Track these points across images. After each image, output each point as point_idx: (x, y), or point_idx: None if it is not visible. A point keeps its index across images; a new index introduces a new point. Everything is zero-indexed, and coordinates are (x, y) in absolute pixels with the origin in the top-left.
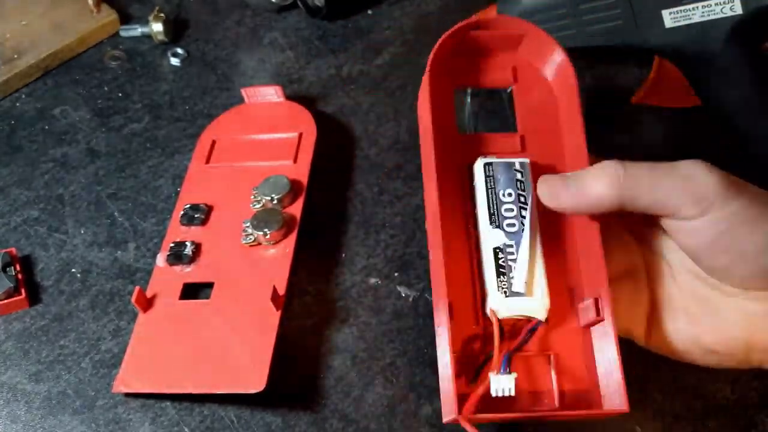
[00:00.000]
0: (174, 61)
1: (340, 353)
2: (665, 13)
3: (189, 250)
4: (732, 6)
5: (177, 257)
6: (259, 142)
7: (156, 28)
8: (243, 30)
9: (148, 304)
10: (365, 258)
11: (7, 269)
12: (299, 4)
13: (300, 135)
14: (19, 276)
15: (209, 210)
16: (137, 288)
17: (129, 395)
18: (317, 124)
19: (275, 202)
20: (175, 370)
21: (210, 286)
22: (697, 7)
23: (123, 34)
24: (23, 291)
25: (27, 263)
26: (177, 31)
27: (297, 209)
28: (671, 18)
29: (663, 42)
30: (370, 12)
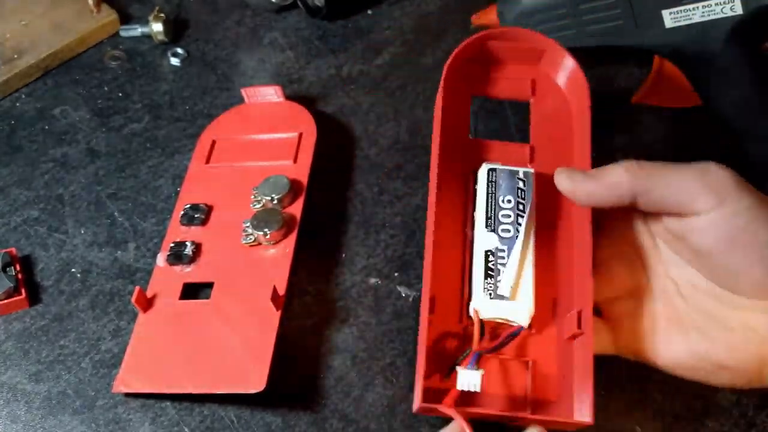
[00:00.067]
0: (174, 61)
1: (340, 353)
2: (665, 13)
3: (189, 250)
4: (732, 6)
5: (177, 257)
6: (259, 142)
7: (156, 28)
8: (243, 30)
9: (148, 304)
10: (365, 258)
11: (7, 269)
12: (299, 4)
13: (300, 135)
14: (19, 276)
15: (209, 210)
16: (137, 288)
17: (129, 395)
18: (317, 124)
19: (275, 202)
20: (175, 370)
21: (210, 286)
22: (697, 7)
23: (123, 34)
24: (23, 291)
25: (27, 263)
26: (177, 31)
27: (297, 209)
28: (671, 18)
29: (663, 42)
30: (370, 12)
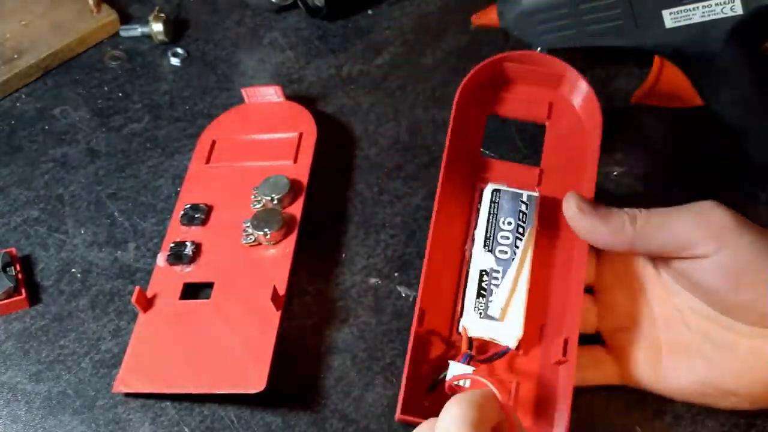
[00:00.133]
0: (174, 61)
1: (340, 353)
2: (665, 13)
3: (189, 250)
4: (732, 6)
5: (177, 257)
6: (259, 142)
7: (156, 28)
8: (243, 30)
9: (148, 304)
10: (365, 258)
11: (7, 269)
12: (299, 4)
13: (300, 135)
14: (19, 276)
15: (209, 210)
16: (137, 288)
17: (129, 395)
18: (317, 124)
19: (275, 202)
20: (175, 370)
21: (210, 286)
22: (698, 8)
23: (123, 34)
24: (23, 291)
25: (27, 263)
26: (177, 31)
27: (297, 209)
28: (671, 18)
29: (663, 42)
30: (370, 12)
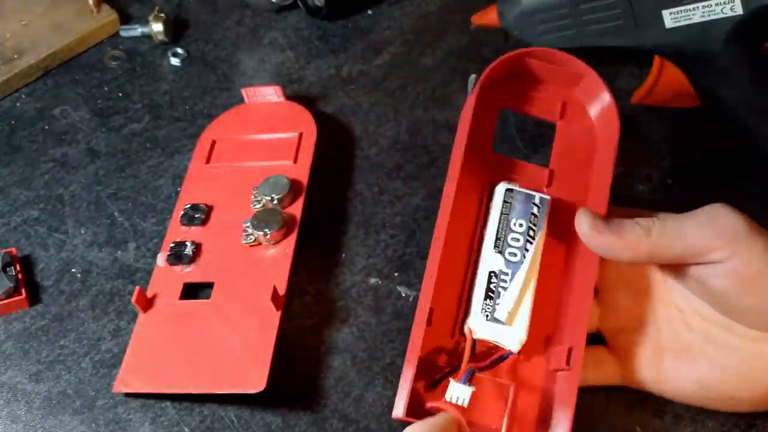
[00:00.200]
0: (174, 61)
1: (340, 353)
2: (665, 14)
3: (189, 250)
4: (732, 6)
5: (177, 257)
6: (259, 142)
7: (156, 28)
8: (243, 30)
9: (148, 304)
10: (365, 258)
11: (7, 269)
12: (299, 4)
13: (300, 135)
14: (19, 276)
15: (209, 210)
16: (137, 288)
17: (129, 395)
18: (317, 124)
19: (275, 202)
20: (175, 370)
21: (210, 286)
22: (698, 8)
23: (123, 34)
24: (23, 291)
25: (27, 263)
26: (177, 31)
27: (297, 209)
28: (671, 18)
29: (663, 42)
30: (370, 12)
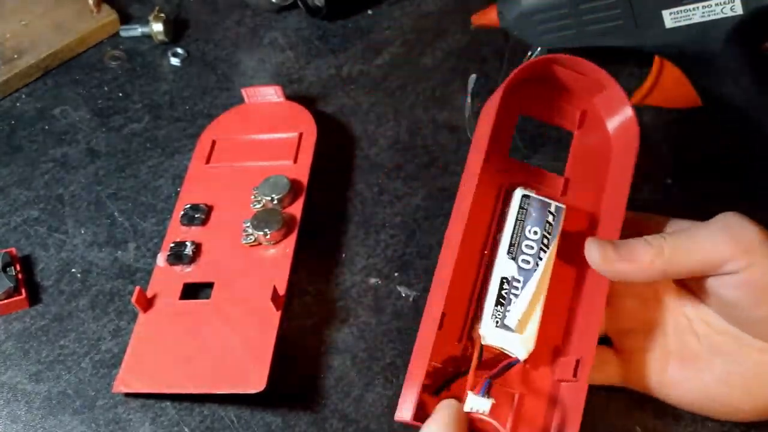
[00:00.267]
0: (174, 61)
1: (340, 353)
2: (665, 14)
3: (189, 250)
4: (732, 6)
5: (177, 257)
6: (259, 142)
7: (156, 28)
8: (243, 30)
9: (148, 304)
10: (365, 258)
11: (7, 269)
12: (299, 4)
13: (300, 135)
14: (19, 276)
15: (209, 210)
16: (137, 288)
17: (129, 395)
18: (317, 124)
19: (275, 202)
20: (175, 370)
21: (210, 286)
22: (698, 8)
23: (123, 34)
24: (23, 291)
25: (27, 263)
26: (177, 31)
27: (297, 209)
28: (671, 18)
29: (663, 42)
30: (370, 12)
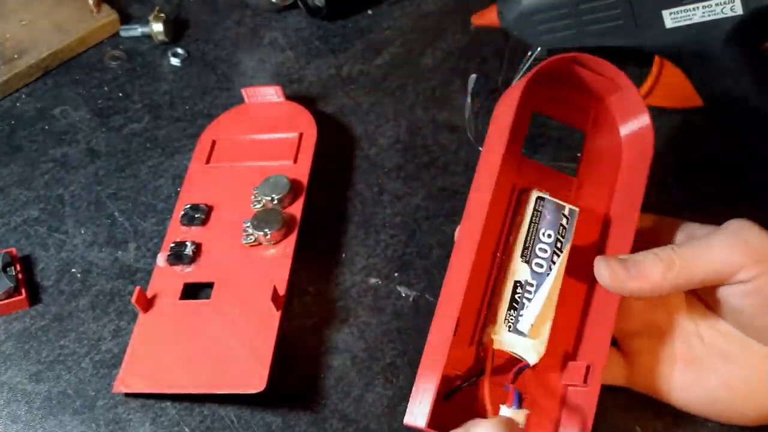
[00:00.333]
0: (174, 61)
1: (340, 353)
2: (665, 14)
3: (189, 250)
4: (732, 6)
5: (177, 257)
6: (259, 142)
7: (156, 28)
8: (243, 30)
9: (148, 304)
10: (365, 258)
11: (7, 269)
12: (299, 4)
13: (300, 135)
14: (19, 276)
15: (209, 210)
16: (137, 288)
17: (129, 395)
18: (317, 124)
19: (275, 202)
20: (175, 370)
21: (210, 286)
22: (698, 8)
23: (123, 34)
24: (23, 291)
25: (27, 263)
26: (177, 31)
27: (297, 209)
28: (671, 18)
29: (663, 42)
30: (370, 12)
